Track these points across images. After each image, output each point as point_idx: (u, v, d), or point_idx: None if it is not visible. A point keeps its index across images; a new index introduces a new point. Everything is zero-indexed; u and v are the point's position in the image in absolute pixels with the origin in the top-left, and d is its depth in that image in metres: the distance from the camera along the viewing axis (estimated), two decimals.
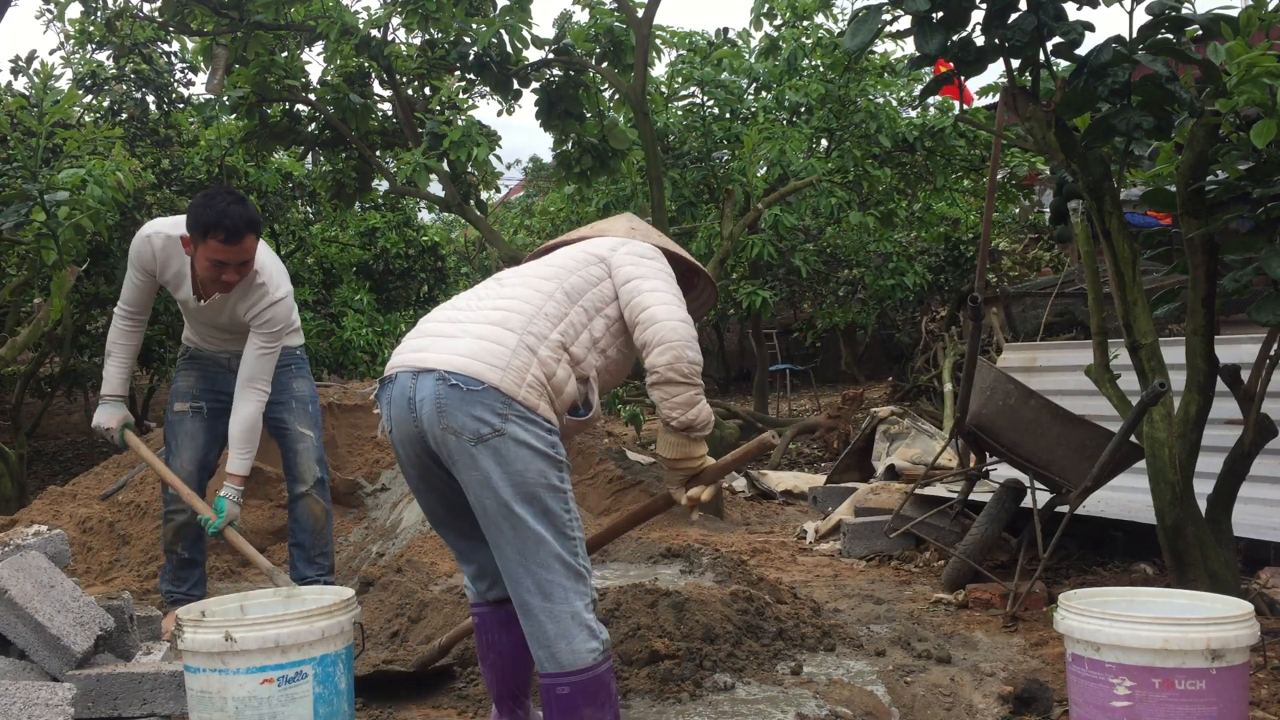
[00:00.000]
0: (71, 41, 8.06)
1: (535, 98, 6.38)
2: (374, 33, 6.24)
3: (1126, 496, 4.67)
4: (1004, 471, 4.51)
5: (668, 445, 2.49)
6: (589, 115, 6.44)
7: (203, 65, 7.07)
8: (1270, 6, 3.24)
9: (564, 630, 2.27)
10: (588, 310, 2.45)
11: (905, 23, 3.19)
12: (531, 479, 2.25)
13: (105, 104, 8.63)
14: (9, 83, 8.29)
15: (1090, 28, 3.08)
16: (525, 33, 5.94)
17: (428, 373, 2.28)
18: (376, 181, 7.32)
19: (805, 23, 9.35)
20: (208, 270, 3.54)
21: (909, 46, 9.92)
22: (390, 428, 2.37)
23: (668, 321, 2.39)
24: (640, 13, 5.88)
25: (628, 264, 2.51)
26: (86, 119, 8.22)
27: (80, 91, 8.34)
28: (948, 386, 8.97)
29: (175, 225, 3.68)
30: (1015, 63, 3.24)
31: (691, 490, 2.55)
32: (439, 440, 2.27)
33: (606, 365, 2.49)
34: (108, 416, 3.92)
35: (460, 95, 7.30)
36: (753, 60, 9.71)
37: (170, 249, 3.68)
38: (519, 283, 2.47)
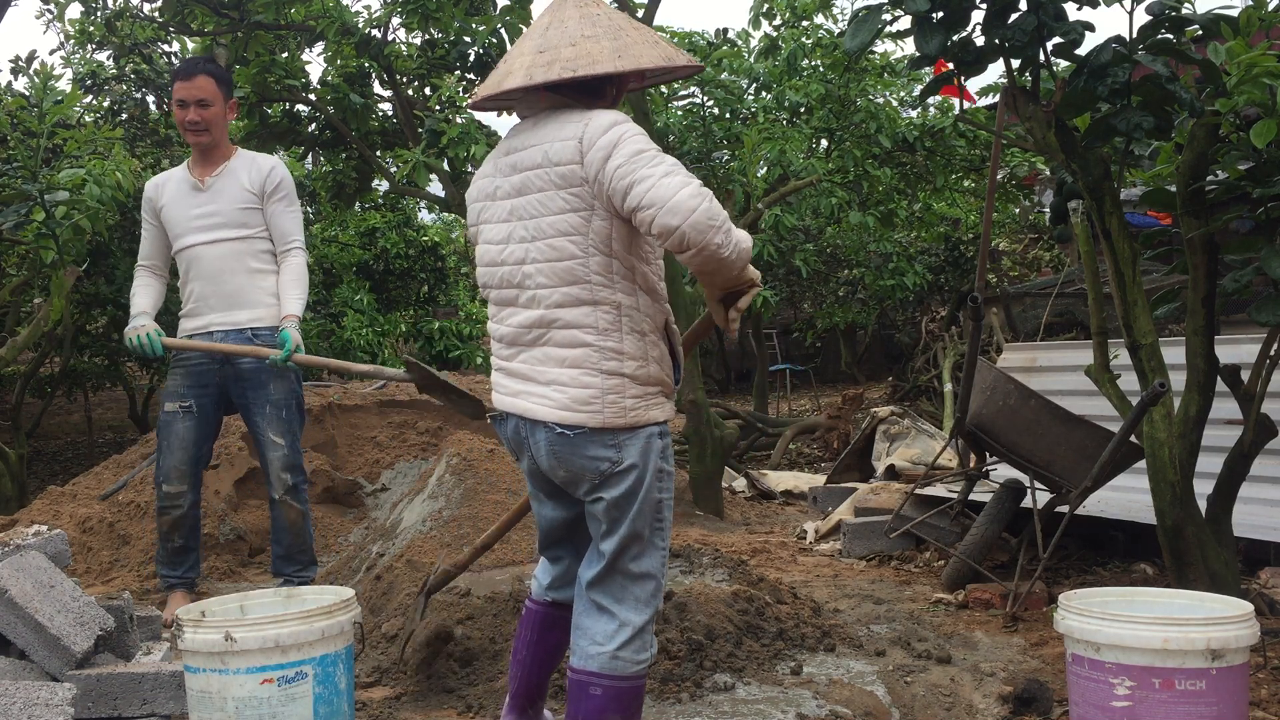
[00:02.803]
0: (71, 41, 8.07)
1: None
2: (374, 32, 6.25)
3: (1126, 496, 4.67)
4: (1004, 471, 4.51)
5: (717, 284, 2.30)
6: None
7: None
8: (1270, 6, 3.24)
9: (625, 639, 2.30)
10: (624, 275, 2.27)
11: (905, 23, 3.19)
12: (642, 495, 2.30)
13: (105, 104, 8.63)
14: (9, 83, 8.30)
15: (1090, 28, 3.08)
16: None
17: (537, 424, 2.32)
18: (376, 181, 7.33)
19: (805, 23, 9.35)
20: (180, 120, 4.11)
21: (909, 46, 9.92)
22: (516, 457, 2.45)
23: (677, 218, 2.08)
24: (640, 13, 5.88)
25: (616, 180, 2.15)
26: (86, 119, 8.22)
27: (80, 91, 8.34)
28: (948, 386, 8.97)
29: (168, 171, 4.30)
30: (1015, 63, 3.24)
31: (732, 315, 2.34)
32: (564, 481, 2.35)
33: (654, 295, 2.34)
34: (139, 326, 4.08)
35: (460, 95, 7.30)
36: (752, 60, 9.71)
37: (161, 181, 4.22)
38: (557, 302, 2.27)
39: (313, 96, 6.56)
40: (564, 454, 2.29)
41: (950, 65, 3.27)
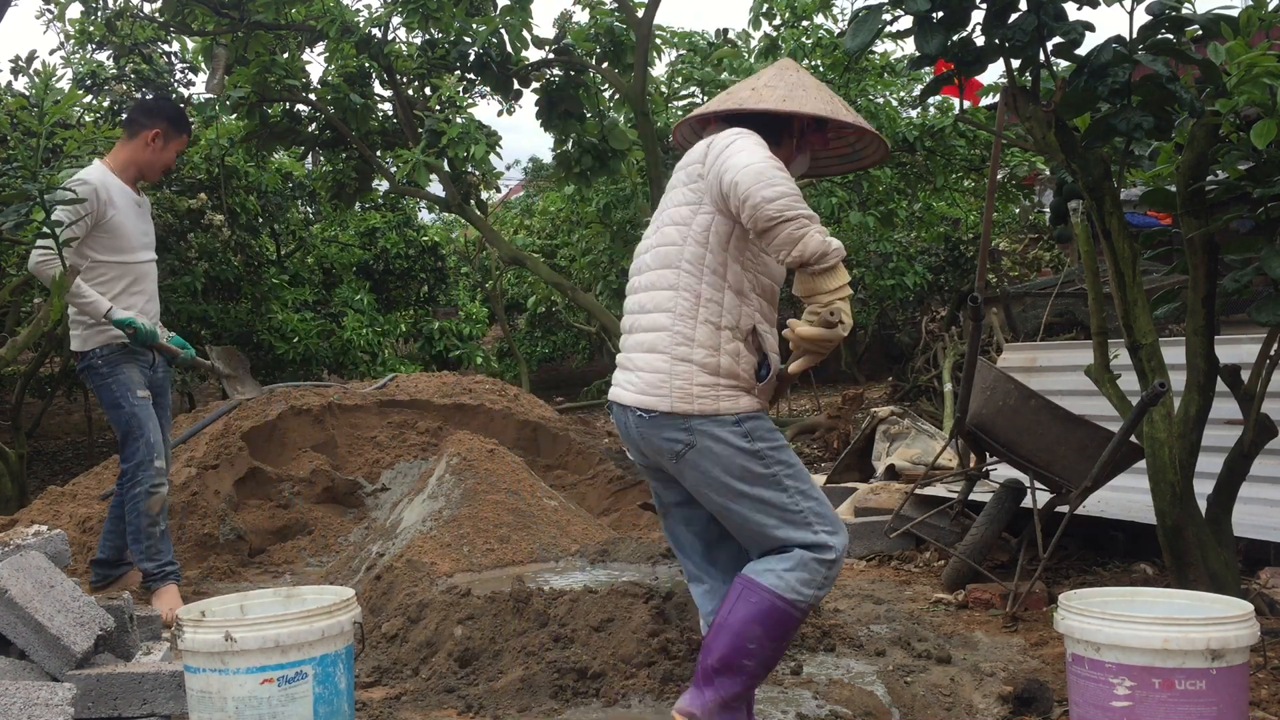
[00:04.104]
0: (71, 41, 8.06)
1: (535, 98, 6.38)
2: (374, 32, 6.24)
3: (1126, 496, 4.67)
4: (1004, 471, 4.51)
5: (799, 283, 2.31)
6: (589, 115, 6.44)
7: (203, 65, 7.07)
8: (1270, 6, 3.24)
9: (787, 565, 2.38)
10: (714, 269, 2.40)
11: (905, 23, 3.19)
12: (734, 474, 2.39)
13: (105, 104, 8.62)
14: (9, 83, 8.30)
15: (1090, 28, 3.08)
16: (525, 33, 5.94)
17: (626, 408, 2.49)
18: (376, 181, 7.33)
19: (805, 23, 9.35)
20: (170, 160, 4.47)
21: (909, 46, 9.92)
22: (624, 444, 2.65)
23: (738, 173, 2.25)
24: (640, 13, 5.88)
25: (714, 170, 2.35)
26: (87, 119, 8.21)
27: (80, 91, 8.33)
28: (948, 386, 8.97)
29: (88, 168, 4.34)
30: (1015, 63, 3.24)
31: (791, 320, 2.36)
32: (653, 460, 2.52)
33: (761, 295, 2.44)
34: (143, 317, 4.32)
35: (460, 95, 7.30)
36: (752, 60, 9.70)
37: (107, 180, 4.28)
38: (649, 284, 2.48)
39: (313, 96, 6.55)
40: (646, 435, 2.45)
41: (950, 65, 3.27)
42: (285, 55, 6.49)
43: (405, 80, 6.65)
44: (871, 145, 2.80)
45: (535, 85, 6.35)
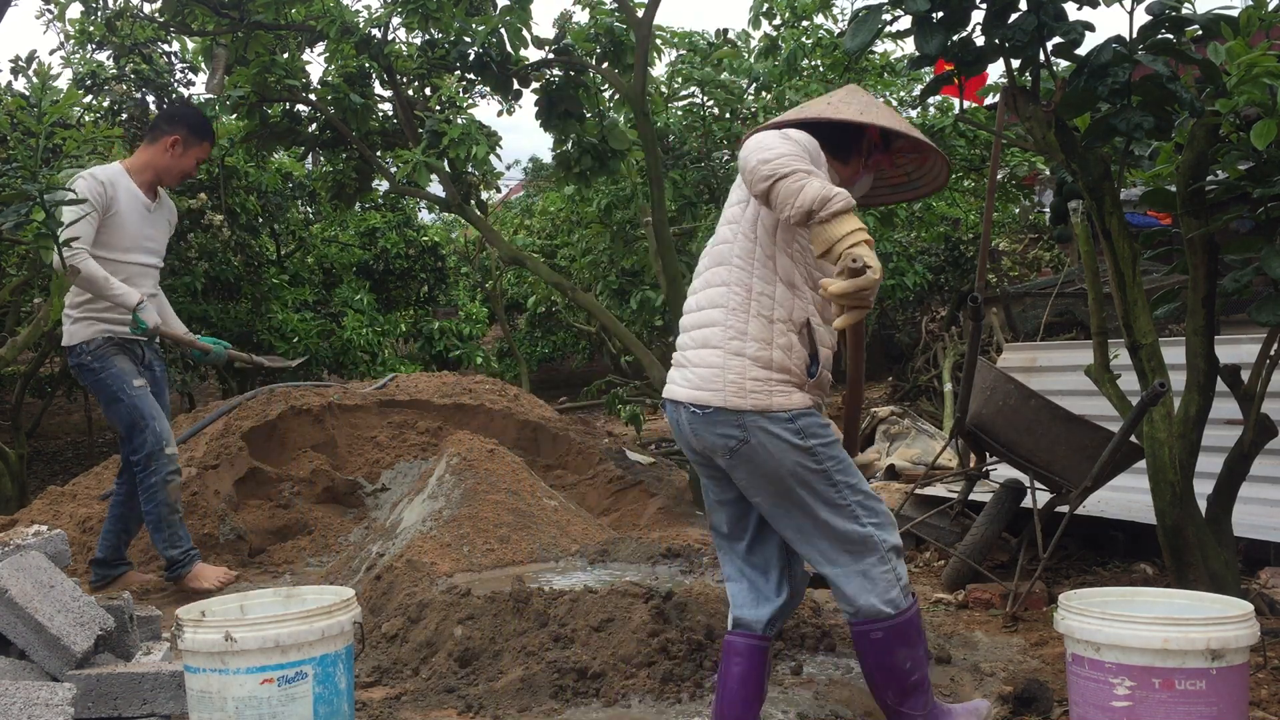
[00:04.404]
0: (71, 41, 8.05)
1: (535, 98, 6.37)
2: (374, 32, 6.24)
3: (1126, 496, 4.67)
4: (1004, 471, 4.51)
5: (813, 243, 2.23)
6: (589, 115, 6.44)
7: (203, 65, 7.07)
8: (1270, 6, 3.24)
9: (858, 589, 2.45)
10: (764, 262, 2.42)
11: (905, 23, 3.18)
12: (786, 471, 2.41)
13: (105, 104, 8.62)
14: (9, 83, 8.29)
15: (1090, 28, 3.08)
16: (525, 33, 5.93)
17: (678, 403, 2.52)
18: (376, 181, 7.32)
19: (805, 23, 9.34)
20: (190, 167, 4.55)
21: (909, 46, 9.92)
22: (678, 442, 2.62)
23: (743, 159, 2.29)
24: (640, 13, 5.87)
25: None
26: (86, 119, 8.21)
27: (80, 91, 8.33)
28: (948, 386, 8.97)
29: (100, 167, 4.44)
30: (1015, 63, 3.24)
31: (823, 280, 2.23)
32: (705, 457, 2.53)
33: (815, 289, 2.43)
34: (155, 316, 4.38)
35: (460, 95, 7.29)
36: (752, 60, 9.70)
37: (111, 178, 4.34)
38: (705, 283, 2.52)
39: (313, 96, 6.55)
40: (700, 431, 2.47)
41: (950, 65, 3.27)
42: (285, 55, 6.49)
43: (405, 80, 6.64)
44: (929, 174, 2.84)
45: (535, 85, 6.35)
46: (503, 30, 5.89)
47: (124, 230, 4.32)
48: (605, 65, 6.27)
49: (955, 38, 3.15)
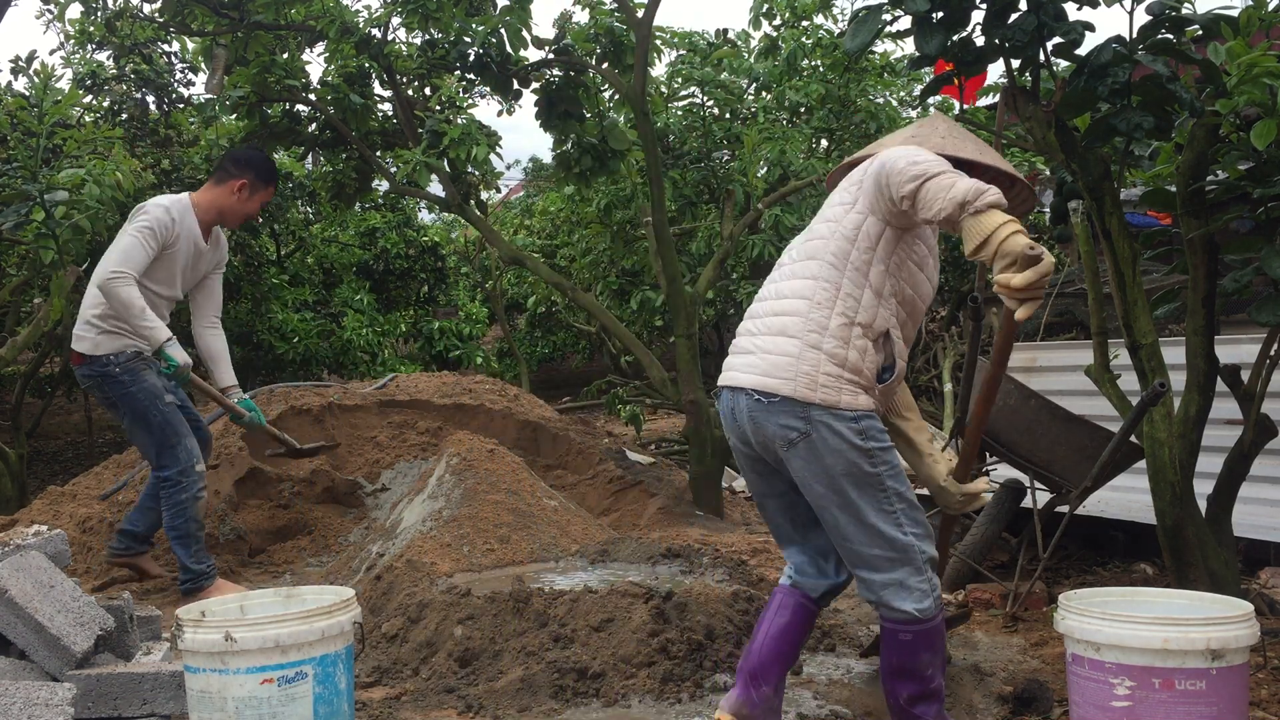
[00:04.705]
0: (71, 41, 8.06)
1: (535, 98, 6.37)
2: (374, 32, 6.24)
3: (1126, 496, 4.67)
4: (1004, 471, 4.51)
5: (965, 241, 2.28)
6: (589, 115, 6.44)
7: (203, 65, 7.07)
8: (1270, 6, 3.24)
9: (892, 595, 2.48)
10: (858, 267, 2.47)
11: (905, 23, 3.19)
12: (841, 470, 2.43)
13: (105, 104, 8.62)
14: (9, 83, 8.29)
15: (1090, 28, 3.08)
16: (525, 33, 5.93)
17: (739, 390, 2.53)
18: (376, 181, 7.32)
19: (805, 23, 9.34)
20: (254, 210, 4.60)
21: (909, 46, 9.91)
22: (728, 436, 2.64)
23: (883, 163, 2.38)
24: (640, 13, 5.87)
25: (871, 170, 2.47)
26: (86, 119, 8.21)
27: (80, 91, 8.33)
28: (948, 386, 8.97)
29: (174, 198, 4.44)
30: (1015, 63, 3.24)
31: (1000, 275, 2.25)
32: (762, 447, 2.54)
33: (902, 304, 2.52)
34: (185, 354, 4.35)
35: (460, 95, 7.29)
36: (752, 60, 9.70)
37: (182, 213, 4.37)
38: (789, 273, 2.56)
39: (313, 96, 6.55)
40: (760, 420, 2.47)
41: (950, 65, 3.27)
42: (285, 55, 6.49)
43: (405, 80, 6.64)
44: (1017, 200, 2.78)
45: (535, 85, 6.35)
46: (503, 30, 5.89)
47: (170, 268, 4.38)
48: (605, 65, 6.27)
49: (955, 38, 3.15)
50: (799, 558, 2.71)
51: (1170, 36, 3.09)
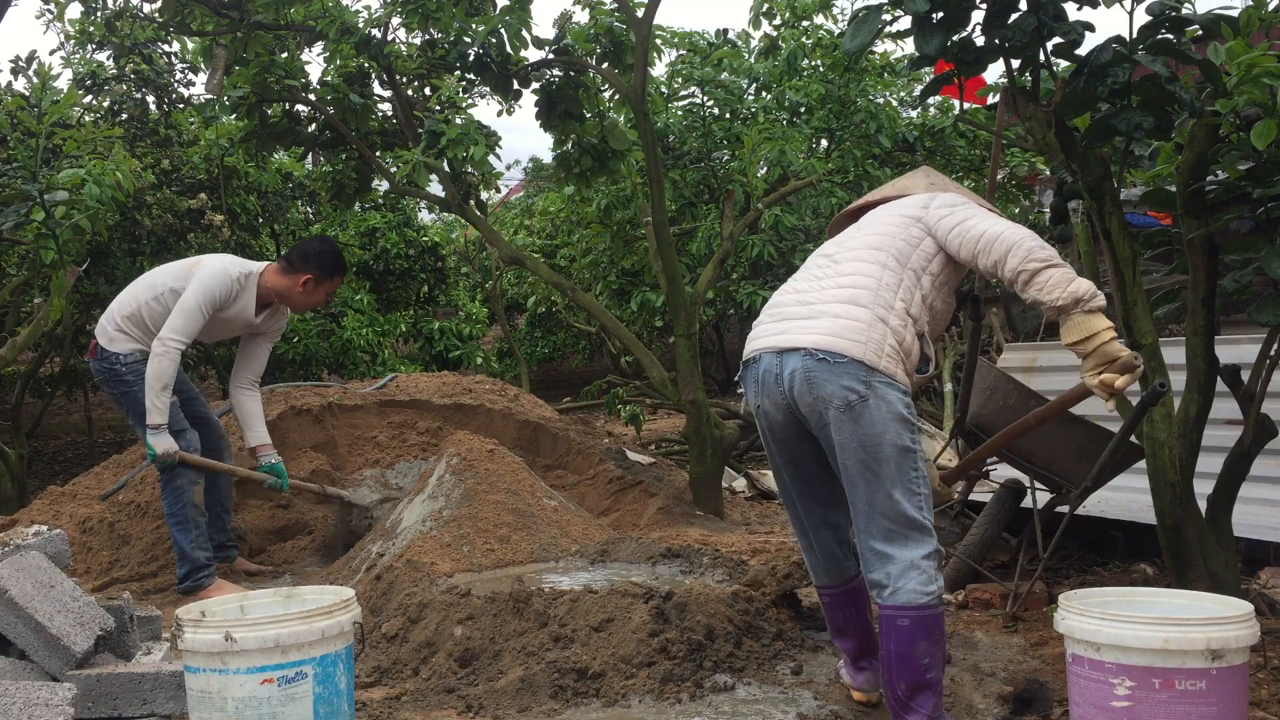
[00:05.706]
0: (71, 41, 8.05)
1: (535, 98, 6.37)
2: (374, 32, 6.24)
3: (1126, 496, 4.67)
4: (1004, 471, 4.51)
5: (1069, 330, 2.56)
6: (589, 116, 6.44)
7: (203, 65, 7.06)
8: (1270, 6, 3.24)
9: (903, 572, 2.55)
10: (915, 271, 2.70)
11: (905, 23, 3.19)
12: (890, 439, 2.53)
13: (105, 104, 8.62)
14: (9, 83, 8.29)
15: (1090, 28, 3.08)
16: (525, 33, 5.93)
17: (793, 351, 2.60)
18: (376, 182, 7.31)
19: (805, 23, 9.35)
20: (319, 301, 4.78)
21: (909, 46, 9.91)
22: (758, 404, 2.72)
23: (1003, 232, 2.59)
24: (640, 13, 5.87)
25: (944, 215, 2.73)
26: (86, 119, 8.21)
27: (80, 91, 8.33)
28: (948, 386, 8.96)
29: (241, 265, 4.58)
30: (1015, 63, 3.24)
31: (1104, 376, 2.57)
32: (809, 408, 2.60)
33: (933, 318, 2.75)
34: (170, 443, 4.42)
35: (460, 95, 7.29)
36: (752, 60, 9.70)
37: (246, 288, 4.54)
38: (853, 257, 2.73)
39: (312, 96, 6.54)
40: (818, 378, 2.55)
41: (950, 65, 3.27)
42: (285, 55, 6.48)
43: (405, 80, 6.64)
44: None
45: (535, 85, 6.34)
46: (502, 30, 5.89)
47: (214, 331, 4.57)
48: (605, 65, 6.27)
49: (955, 38, 3.15)
50: (817, 565, 2.92)
51: (1170, 36, 3.08)
